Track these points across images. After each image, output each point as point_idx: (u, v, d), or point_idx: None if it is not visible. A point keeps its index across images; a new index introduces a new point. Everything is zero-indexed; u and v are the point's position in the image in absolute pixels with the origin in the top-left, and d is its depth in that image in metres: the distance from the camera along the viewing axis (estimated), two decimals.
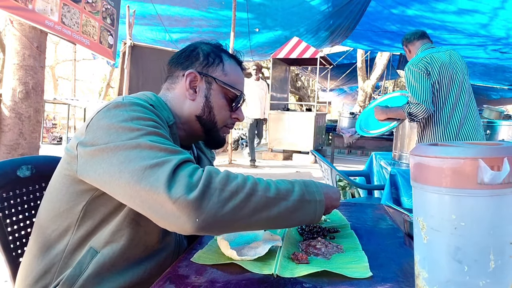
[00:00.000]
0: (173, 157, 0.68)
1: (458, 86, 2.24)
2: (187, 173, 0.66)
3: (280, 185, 0.74)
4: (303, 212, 0.75)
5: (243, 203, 0.67)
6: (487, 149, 0.51)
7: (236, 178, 0.70)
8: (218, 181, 0.67)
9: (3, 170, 0.96)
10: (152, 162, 0.66)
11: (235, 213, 0.66)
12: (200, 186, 0.64)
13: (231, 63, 0.97)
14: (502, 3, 5.29)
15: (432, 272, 0.56)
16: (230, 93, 0.95)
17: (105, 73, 20.69)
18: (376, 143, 6.16)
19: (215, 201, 0.65)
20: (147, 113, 0.77)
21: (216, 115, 0.94)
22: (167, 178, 0.64)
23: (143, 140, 0.69)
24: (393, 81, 17.39)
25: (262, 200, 0.69)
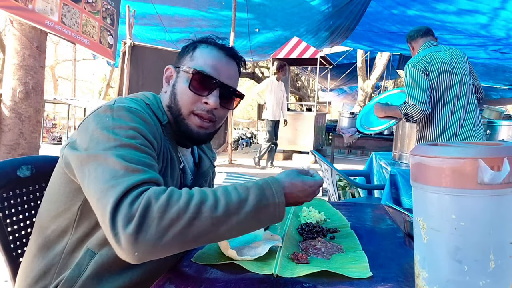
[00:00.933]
0: (126, 179, 0.66)
1: (458, 86, 2.22)
2: (129, 201, 0.64)
3: (231, 197, 0.69)
4: (260, 218, 0.71)
5: (185, 229, 0.64)
6: (487, 149, 0.51)
7: (179, 200, 0.65)
8: (157, 209, 0.63)
9: (3, 170, 0.96)
10: (107, 185, 0.66)
11: (178, 239, 0.64)
12: (136, 218, 0.62)
13: (204, 48, 0.92)
14: (502, 3, 5.29)
15: (432, 272, 0.56)
16: (194, 77, 0.88)
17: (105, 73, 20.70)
18: (376, 143, 6.16)
19: (153, 232, 0.62)
20: (132, 119, 0.77)
21: (179, 101, 0.89)
22: (112, 208, 0.63)
23: (112, 154, 0.70)
24: (393, 81, 17.39)
25: (208, 222, 0.66)
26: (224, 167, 6.23)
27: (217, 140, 8.84)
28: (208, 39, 0.95)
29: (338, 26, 7.57)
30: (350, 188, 3.77)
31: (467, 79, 2.26)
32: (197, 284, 0.67)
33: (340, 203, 1.45)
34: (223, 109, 0.93)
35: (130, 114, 0.77)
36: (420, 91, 2.19)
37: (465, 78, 2.25)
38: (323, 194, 4.55)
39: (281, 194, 0.74)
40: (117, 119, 0.75)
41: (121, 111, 0.77)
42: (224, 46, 0.94)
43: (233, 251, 0.75)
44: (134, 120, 0.77)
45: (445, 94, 2.22)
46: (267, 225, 0.75)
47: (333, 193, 2.72)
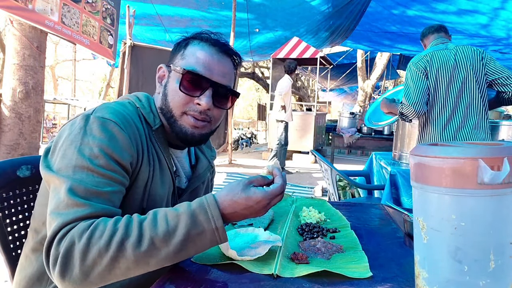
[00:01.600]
0: (62, 215, 0.67)
1: (460, 86, 2.16)
2: (57, 240, 0.65)
3: (157, 229, 0.66)
4: (196, 245, 0.68)
5: (110, 266, 0.64)
6: (487, 149, 0.51)
7: (100, 238, 0.64)
8: (78, 250, 0.63)
9: (3, 170, 0.96)
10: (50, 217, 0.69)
11: (105, 277, 0.65)
12: (60, 259, 0.64)
13: (195, 45, 0.87)
14: (502, 3, 5.29)
15: (432, 272, 0.56)
16: (185, 77, 0.84)
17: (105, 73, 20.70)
18: (376, 143, 6.16)
19: (77, 272, 0.64)
20: (103, 133, 0.74)
21: (170, 102, 0.86)
22: (46, 246, 0.66)
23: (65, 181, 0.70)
24: (393, 81, 17.40)
25: (132, 258, 0.64)
26: (224, 167, 6.23)
27: (217, 140, 8.84)
28: (201, 34, 0.90)
29: (338, 26, 7.57)
30: (350, 188, 3.77)
31: (472, 79, 2.16)
32: (197, 284, 0.67)
33: (340, 203, 1.45)
34: (217, 109, 0.88)
35: (101, 127, 0.75)
36: (416, 91, 2.18)
37: (470, 78, 2.16)
38: (323, 194, 4.56)
39: (218, 217, 0.68)
40: (87, 134, 0.75)
41: (94, 124, 0.75)
42: (217, 42, 0.88)
43: (233, 251, 0.74)
44: (103, 135, 0.74)
45: (446, 94, 2.19)
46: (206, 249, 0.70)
47: (333, 193, 2.72)
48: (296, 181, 5.40)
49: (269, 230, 0.97)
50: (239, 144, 10.87)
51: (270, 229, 0.98)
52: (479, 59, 2.17)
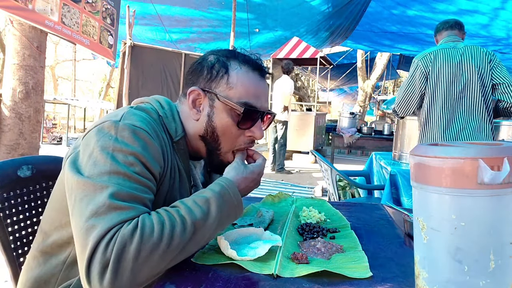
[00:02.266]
0: (106, 219, 0.64)
1: (462, 88, 2.11)
2: (104, 246, 0.62)
3: (195, 214, 0.70)
4: (223, 223, 0.76)
5: (159, 260, 0.65)
6: (487, 149, 0.51)
7: (152, 234, 0.64)
8: (133, 250, 0.62)
9: (4, 170, 0.96)
10: (87, 223, 0.64)
11: (153, 270, 0.65)
12: (111, 265, 0.61)
13: (240, 71, 0.84)
14: (502, 3, 5.29)
15: (432, 272, 0.56)
16: (237, 109, 0.82)
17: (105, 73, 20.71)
18: (376, 143, 6.16)
19: (128, 276, 0.61)
20: (135, 142, 0.73)
21: (220, 137, 0.84)
22: (89, 254, 0.62)
23: (101, 186, 0.67)
24: (393, 81, 17.40)
25: (179, 247, 0.67)
26: None
27: None
28: (236, 53, 0.87)
29: (338, 26, 7.57)
30: (350, 188, 3.77)
31: (476, 81, 2.11)
32: (197, 284, 0.67)
33: (340, 203, 1.45)
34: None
35: (133, 135, 0.73)
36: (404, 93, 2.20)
37: (474, 79, 2.10)
38: (323, 194, 4.56)
39: (238, 194, 0.78)
40: (119, 141, 0.71)
41: (124, 131, 0.73)
42: (257, 65, 0.86)
43: (232, 251, 0.75)
44: (137, 143, 0.72)
45: (446, 93, 2.15)
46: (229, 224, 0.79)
47: (333, 193, 2.72)
48: (296, 181, 5.40)
49: (269, 230, 0.97)
50: None
51: (270, 229, 0.98)
52: (487, 61, 2.12)
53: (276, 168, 6.03)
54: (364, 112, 11.88)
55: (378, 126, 6.71)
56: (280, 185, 5.10)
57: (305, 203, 1.21)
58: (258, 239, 0.86)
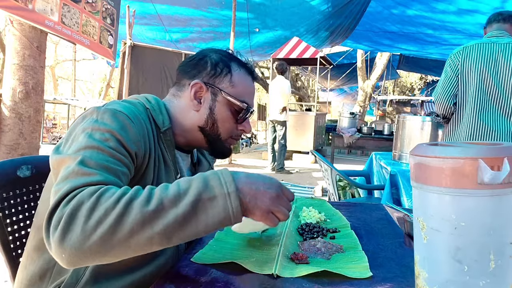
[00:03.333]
0: (70, 182, 0.64)
1: (495, 87, 1.95)
2: (64, 203, 0.61)
3: (168, 190, 0.63)
4: (207, 212, 0.62)
5: (112, 228, 0.58)
6: (487, 149, 0.51)
7: (109, 198, 0.61)
8: (86, 209, 0.59)
9: (3, 170, 0.96)
10: (57, 187, 0.65)
11: (106, 240, 0.58)
12: (64, 219, 0.59)
13: (240, 73, 0.94)
14: (502, 3, 5.29)
15: (432, 272, 0.56)
16: (236, 105, 0.92)
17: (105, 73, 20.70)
18: (376, 143, 6.16)
19: (78, 233, 0.58)
20: (113, 122, 0.75)
21: (220, 128, 0.92)
22: (50, 210, 0.62)
23: (74, 158, 0.68)
24: (393, 81, 17.40)
25: (137, 218, 0.59)
26: (224, 168, 6.22)
27: None
28: (234, 56, 0.96)
29: (338, 26, 7.57)
30: (350, 188, 3.77)
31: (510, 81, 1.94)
32: (197, 284, 0.67)
33: (340, 203, 1.45)
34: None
35: (113, 117, 0.76)
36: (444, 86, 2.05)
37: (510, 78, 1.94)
38: (323, 194, 4.56)
39: (231, 183, 0.64)
40: (98, 122, 0.75)
41: (105, 114, 0.76)
42: (251, 70, 0.98)
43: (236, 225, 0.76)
44: (115, 123, 0.75)
45: (477, 91, 1.98)
46: (219, 224, 0.63)
47: (333, 193, 2.72)
48: (296, 181, 5.40)
49: (268, 230, 0.98)
50: (239, 144, 10.87)
51: (270, 229, 0.98)
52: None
53: (276, 168, 6.03)
54: (364, 112, 11.88)
55: (378, 126, 6.71)
56: None
57: (305, 203, 1.21)
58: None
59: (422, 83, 17.98)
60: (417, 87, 18.28)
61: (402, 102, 12.59)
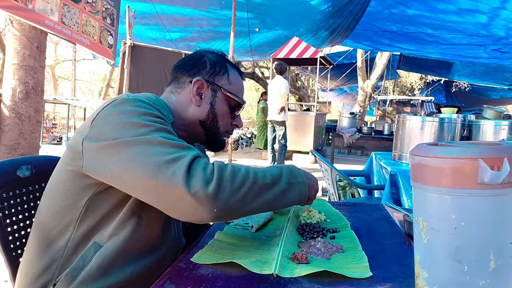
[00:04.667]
0: (186, 152, 0.72)
1: None
2: (201, 168, 0.71)
3: (272, 172, 0.81)
4: (292, 192, 0.83)
5: (249, 190, 0.74)
6: (487, 149, 0.51)
7: (240, 170, 0.76)
8: (228, 174, 0.73)
9: (3, 170, 0.96)
10: (166, 158, 0.70)
11: (244, 199, 0.73)
12: (215, 180, 0.70)
13: (234, 72, 1.02)
14: (502, 3, 5.29)
15: (432, 272, 0.56)
16: (233, 101, 1.00)
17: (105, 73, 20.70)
18: (376, 143, 6.16)
19: (228, 191, 0.71)
20: (152, 109, 0.80)
21: (219, 121, 0.99)
22: (184, 173, 0.68)
23: (153, 136, 0.73)
24: (393, 81, 17.39)
25: (262, 186, 0.76)
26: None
27: None
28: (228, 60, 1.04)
29: (338, 25, 7.57)
30: (350, 188, 3.77)
31: None
32: (197, 284, 0.67)
33: (340, 203, 1.45)
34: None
35: (148, 105, 0.80)
36: None
37: None
38: (323, 194, 4.55)
39: (303, 176, 0.87)
40: (139, 108, 0.77)
41: (139, 102, 0.79)
42: (241, 72, 1.07)
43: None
44: (154, 110, 0.80)
45: None
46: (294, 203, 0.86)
47: (333, 193, 2.72)
48: None
49: (268, 230, 0.98)
50: (239, 144, 10.87)
51: (270, 229, 0.99)
52: None
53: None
54: (364, 112, 11.88)
55: (378, 126, 6.71)
56: None
57: None
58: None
59: (422, 83, 17.97)
60: (417, 87, 18.27)
61: (402, 102, 12.58)
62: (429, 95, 15.92)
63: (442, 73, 12.74)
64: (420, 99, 12.62)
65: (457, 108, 4.22)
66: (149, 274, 0.84)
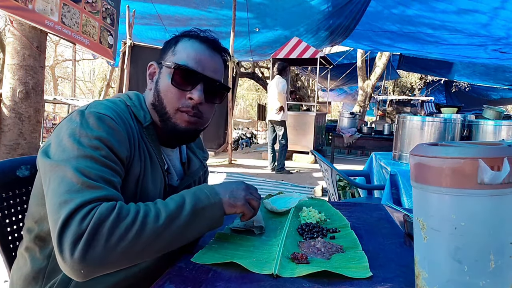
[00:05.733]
0: (78, 196, 0.67)
1: None
2: (79, 218, 0.64)
3: (169, 205, 0.74)
4: (200, 221, 0.76)
5: (132, 243, 0.67)
6: (487, 149, 0.51)
7: (127, 216, 0.68)
8: (107, 225, 0.65)
9: (3, 170, 0.96)
10: (60, 199, 0.67)
11: (126, 254, 0.67)
12: (86, 236, 0.63)
13: (188, 42, 0.90)
14: (502, 3, 5.29)
15: (432, 272, 0.56)
16: (178, 72, 0.86)
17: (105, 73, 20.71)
18: (376, 143, 6.16)
19: (102, 248, 0.64)
20: (100, 127, 0.76)
21: (164, 98, 0.87)
22: (60, 226, 0.64)
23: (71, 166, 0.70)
24: (393, 81, 17.39)
25: (152, 231, 0.69)
26: (224, 167, 6.23)
27: (217, 140, 8.82)
28: (190, 32, 0.92)
29: (338, 25, 7.57)
30: (350, 188, 3.77)
31: None
32: (197, 284, 0.66)
33: (340, 203, 1.45)
34: (209, 104, 0.91)
35: (98, 121, 0.77)
36: None
37: None
38: (323, 194, 4.56)
39: (216, 195, 0.80)
40: (85, 127, 0.76)
41: (89, 118, 0.77)
42: (207, 39, 0.91)
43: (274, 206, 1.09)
44: (101, 129, 0.76)
45: None
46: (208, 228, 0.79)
47: (333, 193, 2.72)
48: (296, 181, 5.40)
49: (268, 230, 0.98)
50: (239, 144, 10.88)
51: (269, 229, 0.98)
52: None
53: (276, 168, 6.01)
54: (364, 112, 11.88)
55: (378, 126, 6.71)
56: (280, 185, 5.10)
57: (305, 203, 1.21)
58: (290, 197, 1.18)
59: (422, 83, 17.97)
60: (417, 87, 18.28)
61: (402, 102, 12.59)
62: (429, 95, 15.92)
63: (442, 73, 12.74)
64: (420, 99, 12.63)
65: (457, 108, 4.22)
66: (146, 278, 0.82)
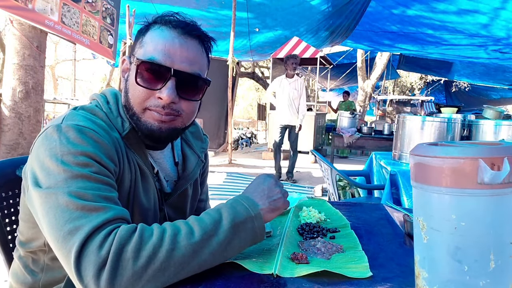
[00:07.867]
0: (85, 221, 0.60)
1: None
2: (96, 247, 0.58)
3: (205, 220, 0.66)
4: (241, 236, 0.68)
5: (165, 263, 0.59)
6: (487, 149, 0.51)
7: (152, 236, 0.61)
8: (131, 249, 0.58)
9: (3, 170, 0.96)
10: (64, 230, 0.60)
11: (160, 276, 0.59)
12: (109, 263, 0.57)
13: (157, 30, 0.77)
14: (503, 3, 5.29)
15: (432, 272, 0.56)
16: (140, 68, 0.74)
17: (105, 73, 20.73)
18: (376, 143, 6.16)
19: (130, 274, 0.57)
20: (83, 141, 0.68)
21: (131, 98, 0.76)
22: (75, 257, 0.57)
23: (63, 192, 0.62)
24: (393, 81, 17.39)
25: (187, 249, 0.62)
26: (224, 167, 6.23)
27: (217, 140, 8.83)
28: (163, 17, 0.79)
29: (338, 25, 7.57)
30: (350, 188, 3.77)
31: None
32: (197, 284, 0.66)
33: (340, 203, 1.45)
34: (186, 101, 0.77)
35: (80, 134, 0.68)
36: None
37: None
38: (323, 194, 4.55)
39: (255, 206, 0.72)
40: (65, 143, 0.66)
41: (69, 132, 0.68)
42: (178, 23, 0.77)
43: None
44: (85, 142, 0.68)
45: None
46: (251, 242, 0.71)
47: (333, 193, 2.72)
48: (296, 181, 5.40)
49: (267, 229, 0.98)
50: (239, 144, 10.88)
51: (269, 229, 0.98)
52: None
53: (291, 177, 5.38)
54: (364, 112, 11.88)
55: (378, 126, 6.71)
56: None
57: (305, 203, 1.21)
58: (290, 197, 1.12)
59: (422, 83, 17.98)
60: (417, 87, 18.29)
61: (402, 102, 12.61)
62: (429, 95, 15.92)
63: (442, 73, 12.75)
64: (420, 99, 12.63)
65: (457, 108, 4.22)
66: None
